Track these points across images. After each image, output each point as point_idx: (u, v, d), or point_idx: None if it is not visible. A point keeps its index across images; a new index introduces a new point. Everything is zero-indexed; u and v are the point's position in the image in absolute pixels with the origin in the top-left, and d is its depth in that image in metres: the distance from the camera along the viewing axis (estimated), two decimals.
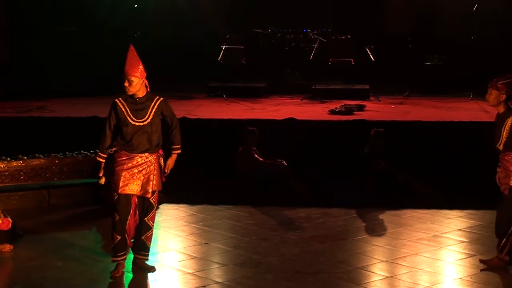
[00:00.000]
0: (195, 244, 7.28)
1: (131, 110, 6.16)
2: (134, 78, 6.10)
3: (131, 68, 6.12)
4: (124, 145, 6.19)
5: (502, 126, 6.18)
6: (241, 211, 8.44)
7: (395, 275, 6.37)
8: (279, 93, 13.06)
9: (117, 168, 6.18)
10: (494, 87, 6.16)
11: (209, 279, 6.26)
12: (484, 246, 7.16)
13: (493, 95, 6.19)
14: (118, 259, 6.28)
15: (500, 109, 6.23)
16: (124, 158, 6.18)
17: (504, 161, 6.26)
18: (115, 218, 6.22)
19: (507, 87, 6.12)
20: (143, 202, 6.32)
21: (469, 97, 12.40)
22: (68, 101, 12.17)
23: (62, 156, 8.91)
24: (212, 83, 13.07)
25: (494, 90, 6.18)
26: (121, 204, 6.21)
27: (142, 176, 6.22)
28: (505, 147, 6.20)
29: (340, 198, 8.95)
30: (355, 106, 11.33)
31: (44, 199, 8.68)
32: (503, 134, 6.16)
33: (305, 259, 6.76)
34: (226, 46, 12.97)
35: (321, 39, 13.34)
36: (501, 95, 6.15)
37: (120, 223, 6.22)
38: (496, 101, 6.19)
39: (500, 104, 6.20)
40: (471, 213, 8.28)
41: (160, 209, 8.59)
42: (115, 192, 6.20)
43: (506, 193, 6.26)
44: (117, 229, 6.22)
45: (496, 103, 6.20)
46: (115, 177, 6.19)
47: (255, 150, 9.55)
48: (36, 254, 6.87)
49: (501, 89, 6.13)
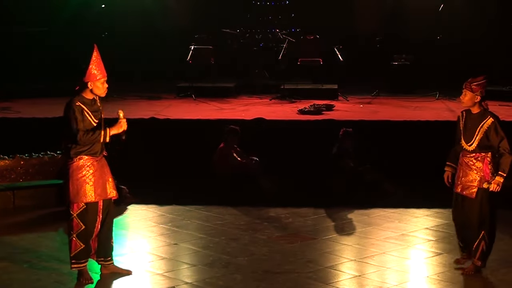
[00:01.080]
0: (164, 244, 7.24)
1: (92, 111, 6.05)
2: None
3: (104, 69, 6.05)
4: (88, 150, 6.03)
5: (477, 127, 6.17)
6: (211, 211, 8.41)
7: (364, 274, 6.41)
8: (248, 93, 13.05)
9: (84, 176, 6.01)
10: (469, 89, 6.16)
11: (179, 280, 6.23)
12: (451, 244, 7.24)
13: (468, 96, 6.19)
14: (81, 266, 6.14)
15: (474, 109, 6.23)
16: (89, 164, 6.04)
17: (471, 162, 6.24)
18: (80, 227, 6.05)
19: (481, 88, 6.15)
20: (108, 204, 6.23)
21: (435, 96, 12.55)
22: (33, 101, 12.02)
23: (27, 157, 8.79)
24: (181, 83, 13.02)
25: (468, 92, 6.17)
26: (90, 213, 6.09)
27: (106, 177, 6.15)
28: (478, 147, 6.20)
29: (309, 197, 8.98)
30: (323, 106, 11.38)
31: (9, 201, 8.57)
32: (477, 135, 6.16)
33: (274, 259, 6.77)
34: (194, 46, 12.92)
35: (289, 39, 13.37)
36: (475, 96, 6.16)
37: (85, 232, 6.09)
38: (471, 102, 6.20)
39: (475, 105, 6.21)
40: (438, 212, 8.37)
41: (129, 210, 8.55)
42: (80, 203, 6.02)
43: (473, 196, 6.24)
44: (82, 238, 6.07)
45: (471, 104, 6.21)
46: (83, 186, 6.00)
47: (235, 149, 9.55)
48: (2, 256, 6.78)
49: (475, 91, 6.14)
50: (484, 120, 6.18)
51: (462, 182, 6.30)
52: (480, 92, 6.16)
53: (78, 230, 6.05)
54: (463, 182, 6.29)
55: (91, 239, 6.17)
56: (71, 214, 6.06)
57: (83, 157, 6.03)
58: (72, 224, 6.07)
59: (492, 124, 6.15)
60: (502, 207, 8.57)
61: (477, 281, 6.24)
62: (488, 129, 6.15)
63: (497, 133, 6.14)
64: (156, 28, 14.26)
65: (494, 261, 6.67)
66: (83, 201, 6.03)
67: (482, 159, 6.22)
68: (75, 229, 6.06)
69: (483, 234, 6.25)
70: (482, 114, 6.21)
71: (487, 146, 6.19)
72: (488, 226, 6.29)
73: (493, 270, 6.49)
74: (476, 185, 6.24)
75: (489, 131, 6.14)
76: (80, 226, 6.06)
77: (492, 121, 6.15)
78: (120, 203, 8.56)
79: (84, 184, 6.01)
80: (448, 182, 6.45)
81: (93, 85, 6.02)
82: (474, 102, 6.19)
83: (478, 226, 6.27)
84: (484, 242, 6.25)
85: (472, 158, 6.25)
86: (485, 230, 6.26)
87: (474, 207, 6.27)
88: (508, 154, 6.14)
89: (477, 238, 6.26)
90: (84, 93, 6.05)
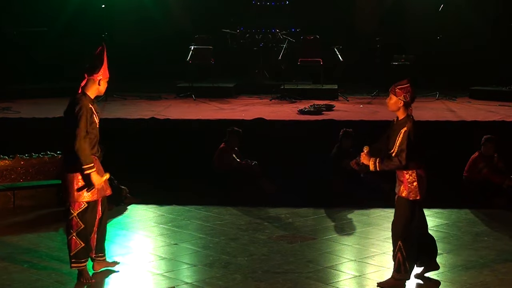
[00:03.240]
0: (164, 245, 7.25)
1: (96, 112, 6.07)
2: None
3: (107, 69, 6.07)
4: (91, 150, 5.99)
5: (397, 134, 5.93)
6: (210, 211, 8.42)
7: (364, 274, 6.41)
8: (248, 93, 13.06)
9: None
10: (393, 92, 5.96)
11: (179, 280, 6.23)
12: (451, 244, 7.25)
13: (392, 100, 5.97)
14: (81, 265, 6.13)
15: (399, 114, 6.00)
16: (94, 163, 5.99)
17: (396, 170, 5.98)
18: (80, 226, 6.05)
19: (404, 92, 5.92)
20: (104, 202, 6.28)
21: (435, 96, 12.56)
22: (33, 101, 12.02)
23: (27, 157, 8.79)
24: (181, 84, 13.02)
25: (393, 95, 5.97)
26: (91, 211, 6.11)
27: (102, 174, 6.14)
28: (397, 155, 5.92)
29: (309, 197, 8.98)
30: (324, 106, 11.39)
31: (9, 201, 8.57)
32: (397, 142, 5.91)
33: (274, 259, 6.77)
34: (194, 46, 12.93)
35: (289, 39, 13.38)
36: (399, 101, 5.93)
37: (85, 231, 6.09)
38: (395, 107, 5.96)
39: (399, 110, 5.98)
40: (438, 212, 8.37)
41: (129, 210, 8.56)
42: (82, 202, 6.03)
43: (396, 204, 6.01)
44: (82, 237, 6.08)
45: (395, 108, 5.98)
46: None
47: (236, 151, 9.57)
48: (2, 256, 6.77)
49: (398, 95, 5.93)
50: (403, 127, 5.91)
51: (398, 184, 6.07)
52: (404, 96, 5.91)
53: (78, 229, 6.06)
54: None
55: (91, 237, 6.18)
56: (71, 213, 6.06)
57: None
58: (71, 223, 6.07)
59: (405, 133, 5.87)
60: (504, 207, 8.63)
61: (477, 281, 6.24)
62: (403, 136, 5.86)
63: (403, 142, 5.85)
64: (156, 28, 14.26)
65: (494, 261, 6.69)
66: (86, 200, 6.03)
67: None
68: (75, 228, 6.06)
69: (399, 245, 5.97)
70: (403, 121, 5.95)
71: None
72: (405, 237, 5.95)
73: (493, 269, 6.49)
74: (397, 192, 6.04)
75: (403, 138, 5.86)
76: (79, 225, 6.06)
77: (405, 130, 5.87)
78: (120, 203, 8.57)
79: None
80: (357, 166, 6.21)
81: (102, 83, 6.03)
82: (398, 106, 5.94)
83: (395, 236, 6.00)
84: (401, 254, 5.96)
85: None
86: (401, 240, 5.96)
87: (396, 217, 6.02)
88: (398, 159, 5.86)
89: (395, 249, 5.99)
90: (90, 91, 6.03)
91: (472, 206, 8.59)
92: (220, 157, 9.52)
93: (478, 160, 9.04)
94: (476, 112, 11.29)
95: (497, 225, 8.00)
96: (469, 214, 8.36)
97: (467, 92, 12.90)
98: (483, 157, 9.02)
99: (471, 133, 9.74)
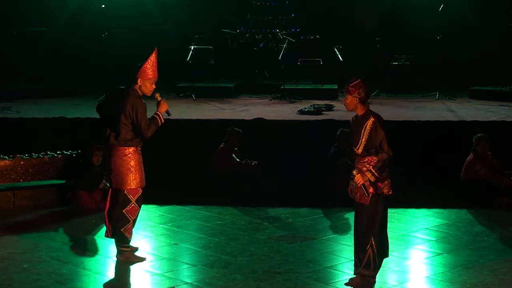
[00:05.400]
0: (165, 244, 7.25)
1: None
2: None
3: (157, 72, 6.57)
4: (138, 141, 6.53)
5: (361, 130, 5.99)
6: (211, 211, 8.42)
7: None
8: (248, 93, 13.06)
9: (141, 163, 6.49)
10: (347, 92, 6.06)
11: (179, 280, 6.23)
12: (451, 244, 7.25)
13: (348, 99, 6.06)
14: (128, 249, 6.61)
15: (358, 112, 6.07)
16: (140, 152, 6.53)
17: (364, 168, 5.99)
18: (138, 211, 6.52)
19: (358, 89, 6.01)
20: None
21: (435, 96, 12.56)
22: (33, 101, 12.01)
23: (27, 157, 8.79)
24: (181, 83, 13.02)
25: (347, 95, 6.07)
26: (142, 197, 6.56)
27: None
28: (365, 150, 5.99)
29: (309, 197, 8.98)
30: (323, 106, 11.39)
31: (9, 201, 8.57)
32: (362, 138, 5.97)
33: (274, 259, 6.77)
34: (194, 46, 12.92)
35: (289, 39, 13.38)
36: (354, 98, 6.02)
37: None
38: (353, 105, 6.04)
39: (357, 108, 6.06)
40: (438, 212, 8.37)
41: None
42: (139, 188, 6.47)
43: (368, 202, 6.00)
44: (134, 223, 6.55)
45: (353, 106, 6.05)
46: (141, 172, 6.47)
47: (236, 151, 9.57)
48: (2, 256, 6.76)
49: (352, 93, 6.02)
50: (367, 121, 5.99)
51: (358, 190, 6.05)
52: (358, 93, 6.00)
53: (137, 215, 6.53)
54: (359, 189, 6.03)
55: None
56: (130, 200, 6.46)
57: (139, 146, 6.50)
58: (133, 210, 6.47)
59: (373, 123, 5.96)
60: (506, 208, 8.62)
61: (477, 281, 6.23)
62: (370, 129, 5.95)
63: (377, 132, 5.94)
64: (156, 28, 14.25)
65: (494, 261, 6.69)
66: (142, 186, 6.48)
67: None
68: (136, 214, 6.52)
69: (371, 241, 5.97)
70: (365, 116, 6.03)
71: (375, 148, 5.98)
72: (377, 233, 5.97)
73: (493, 269, 6.49)
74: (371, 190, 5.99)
75: (371, 131, 5.95)
76: (138, 210, 6.51)
77: (372, 121, 5.97)
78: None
79: (141, 171, 6.48)
80: (352, 194, 6.15)
81: (142, 82, 6.44)
82: (354, 104, 6.03)
83: (365, 234, 5.99)
84: (371, 250, 5.97)
85: (365, 163, 6.02)
86: (373, 237, 5.95)
87: (367, 213, 6.01)
88: (384, 153, 5.94)
89: (366, 245, 5.98)
90: (134, 91, 6.46)
91: (472, 206, 8.59)
92: (220, 157, 9.52)
93: (474, 162, 9.02)
94: (476, 112, 11.29)
95: (497, 225, 7.99)
96: (469, 214, 8.36)
97: (467, 92, 12.90)
98: (479, 158, 9.01)
99: (471, 133, 9.72)
